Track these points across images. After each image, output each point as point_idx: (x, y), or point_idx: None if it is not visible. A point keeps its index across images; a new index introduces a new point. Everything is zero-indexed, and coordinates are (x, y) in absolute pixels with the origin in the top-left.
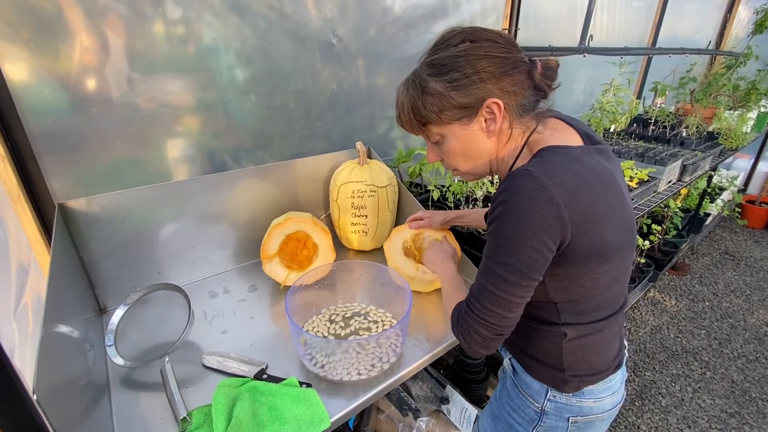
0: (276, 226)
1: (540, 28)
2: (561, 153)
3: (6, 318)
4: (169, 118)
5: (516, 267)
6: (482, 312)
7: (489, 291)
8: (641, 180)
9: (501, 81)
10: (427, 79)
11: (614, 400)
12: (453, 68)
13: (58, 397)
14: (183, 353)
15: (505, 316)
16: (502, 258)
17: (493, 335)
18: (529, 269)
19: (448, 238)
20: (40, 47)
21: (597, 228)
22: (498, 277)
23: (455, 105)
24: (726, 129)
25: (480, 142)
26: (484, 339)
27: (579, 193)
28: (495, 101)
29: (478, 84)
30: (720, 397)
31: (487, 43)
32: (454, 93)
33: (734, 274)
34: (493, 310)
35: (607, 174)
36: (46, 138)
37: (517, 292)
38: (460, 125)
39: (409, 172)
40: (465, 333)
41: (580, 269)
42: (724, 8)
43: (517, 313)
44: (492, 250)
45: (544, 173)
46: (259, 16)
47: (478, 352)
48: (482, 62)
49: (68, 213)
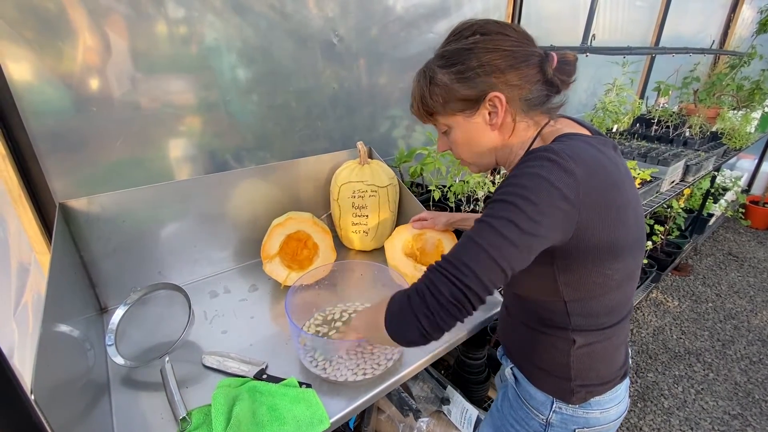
0: (277, 226)
1: (542, 27)
2: (580, 139)
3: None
4: (171, 118)
5: (516, 224)
6: (455, 267)
7: (475, 244)
8: (644, 180)
9: (506, 75)
10: (436, 70)
11: (619, 410)
12: (460, 60)
13: (57, 396)
14: (183, 353)
15: (481, 282)
16: (503, 213)
17: (450, 302)
18: (530, 236)
19: (451, 240)
20: (43, 47)
21: (611, 217)
22: (492, 229)
23: (459, 97)
24: (730, 129)
25: (483, 135)
26: (433, 312)
27: (597, 175)
28: (497, 95)
29: (482, 77)
30: (723, 399)
31: (497, 36)
32: (458, 85)
33: (738, 275)
34: (470, 267)
35: (623, 167)
36: (48, 137)
37: (507, 252)
38: (464, 117)
39: (410, 172)
40: (408, 302)
41: (592, 262)
42: (728, 7)
43: (489, 289)
44: (493, 206)
45: (565, 151)
46: (260, 16)
47: (410, 337)
48: (488, 55)
49: (69, 212)
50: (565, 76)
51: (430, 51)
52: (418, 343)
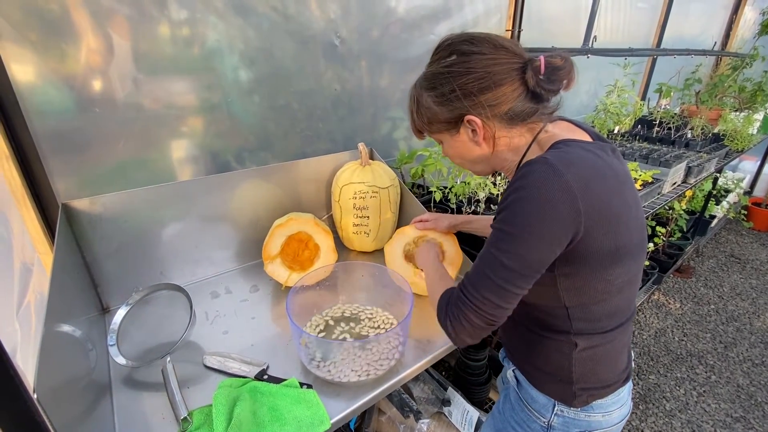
0: (278, 227)
1: (543, 28)
2: (577, 146)
3: (9, 317)
4: (173, 119)
5: (521, 257)
6: (479, 301)
7: (488, 279)
8: (645, 182)
9: (479, 97)
10: (421, 91)
11: (622, 413)
12: (438, 84)
13: (59, 396)
14: (184, 353)
15: (501, 307)
16: (507, 246)
17: (485, 324)
18: (534, 261)
19: (452, 243)
20: (47, 48)
21: (612, 224)
22: (500, 265)
23: (440, 119)
24: (732, 130)
25: (471, 149)
26: (474, 328)
27: (596, 184)
28: (471, 118)
29: (455, 102)
30: (725, 402)
31: (472, 56)
32: (438, 108)
33: (740, 277)
34: (489, 299)
35: (622, 171)
36: (51, 138)
37: (518, 282)
38: (449, 135)
39: (412, 174)
40: (454, 320)
41: (594, 268)
42: (730, 9)
43: (513, 304)
44: (498, 237)
45: (561, 162)
46: (262, 17)
47: (464, 341)
48: (461, 79)
49: (72, 213)
50: (551, 84)
51: (430, 53)
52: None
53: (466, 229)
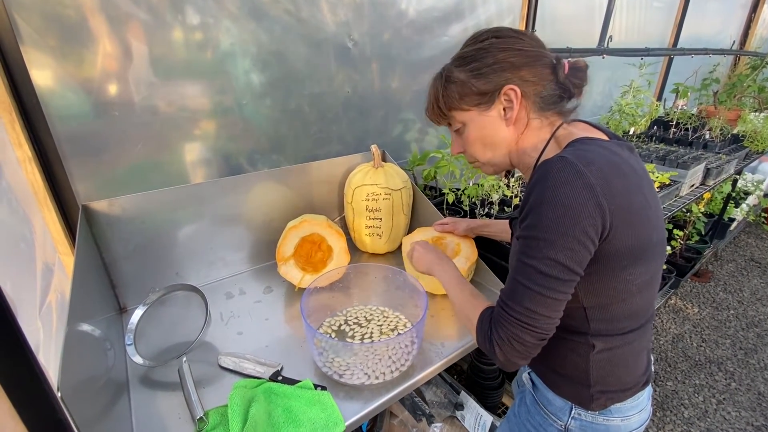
0: (291, 228)
1: (557, 29)
2: (594, 143)
3: (32, 316)
4: (187, 122)
5: (558, 261)
6: (524, 315)
7: (530, 290)
8: (663, 184)
9: (520, 71)
10: (453, 69)
11: (641, 418)
12: (476, 59)
13: (80, 394)
14: (200, 353)
15: (550, 317)
16: (542, 252)
17: (537, 340)
18: (572, 262)
19: (469, 244)
20: (66, 54)
21: (634, 221)
22: (540, 273)
23: (475, 91)
24: (751, 131)
25: (498, 130)
26: (526, 346)
27: (616, 180)
28: (512, 87)
29: (498, 72)
30: (746, 410)
31: (511, 39)
32: (475, 80)
33: (761, 282)
34: (536, 311)
35: (640, 168)
36: (71, 141)
37: (561, 288)
38: (479, 111)
39: (424, 175)
40: (502, 343)
41: (614, 268)
42: (748, 7)
43: (560, 313)
44: (529, 245)
45: (580, 159)
46: (275, 21)
47: (516, 364)
48: (503, 53)
49: (91, 214)
50: (577, 80)
51: (443, 54)
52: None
53: (484, 232)
